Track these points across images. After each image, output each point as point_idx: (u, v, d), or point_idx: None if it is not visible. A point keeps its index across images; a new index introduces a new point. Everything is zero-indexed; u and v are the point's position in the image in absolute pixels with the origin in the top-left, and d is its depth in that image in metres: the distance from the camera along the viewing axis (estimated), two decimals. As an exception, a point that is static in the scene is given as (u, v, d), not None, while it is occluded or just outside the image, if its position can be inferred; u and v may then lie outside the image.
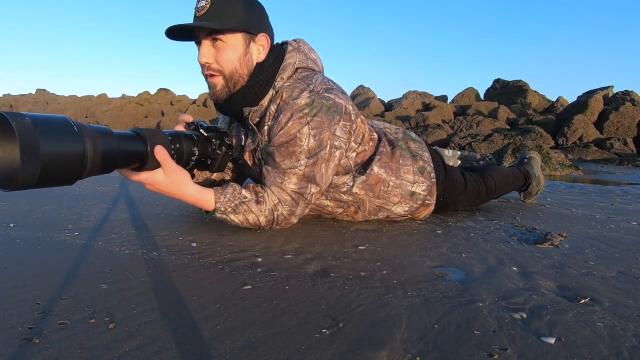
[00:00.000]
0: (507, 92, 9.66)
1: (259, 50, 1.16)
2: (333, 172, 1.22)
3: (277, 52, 1.21)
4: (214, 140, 1.11)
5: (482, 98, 10.37)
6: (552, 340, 0.63)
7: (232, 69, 1.12)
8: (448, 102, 10.52)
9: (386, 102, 11.20)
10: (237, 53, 1.11)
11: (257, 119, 1.21)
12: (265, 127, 1.19)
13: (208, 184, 1.38)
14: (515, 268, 0.97)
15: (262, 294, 0.78)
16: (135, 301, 0.73)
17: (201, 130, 1.10)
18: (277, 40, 1.25)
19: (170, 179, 0.98)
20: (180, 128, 1.13)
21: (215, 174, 1.41)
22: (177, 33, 1.10)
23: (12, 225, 1.25)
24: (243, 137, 1.28)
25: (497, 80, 10.32)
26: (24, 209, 1.48)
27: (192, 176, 1.16)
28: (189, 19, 1.10)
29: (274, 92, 1.18)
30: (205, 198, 1.09)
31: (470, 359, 0.58)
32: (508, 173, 1.75)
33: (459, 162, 1.59)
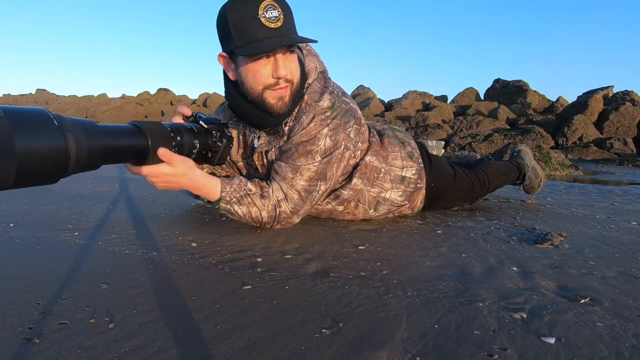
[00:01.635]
0: (507, 92, 9.66)
1: None
2: (341, 171, 1.26)
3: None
4: (214, 132, 1.08)
5: (482, 98, 10.36)
6: (552, 340, 0.63)
7: (298, 79, 1.14)
8: (448, 102, 10.52)
9: (386, 102, 11.20)
10: (297, 63, 1.13)
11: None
12: (287, 128, 1.19)
13: None
14: (515, 268, 0.97)
15: (262, 294, 0.78)
16: (135, 301, 0.73)
17: (201, 122, 1.07)
18: None
19: (176, 170, 0.96)
20: (178, 119, 1.09)
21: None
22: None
23: (12, 225, 1.25)
24: (256, 139, 1.26)
25: (497, 80, 10.32)
26: (24, 209, 1.48)
27: None
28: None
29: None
30: (212, 184, 1.09)
31: (470, 359, 0.58)
32: (500, 165, 1.77)
33: (443, 151, 1.63)
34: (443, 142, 1.68)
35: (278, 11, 1.02)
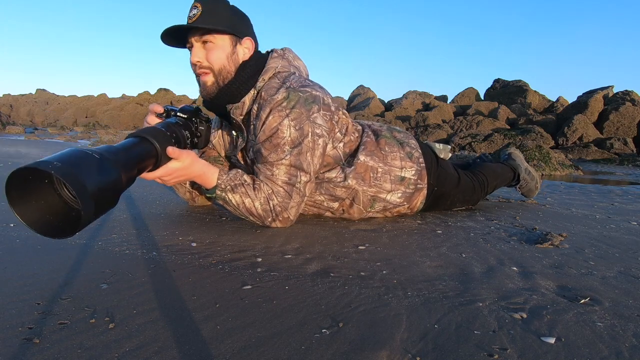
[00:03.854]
0: (507, 92, 9.66)
1: (245, 52, 1.27)
2: (319, 160, 1.27)
3: (261, 55, 1.32)
4: (193, 119, 1.16)
5: (482, 98, 10.36)
6: (552, 340, 0.63)
7: (220, 66, 1.22)
8: (448, 102, 10.52)
9: (386, 102, 11.20)
10: (225, 52, 1.22)
11: (240, 117, 1.30)
12: (252, 127, 1.28)
13: None
14: (515, 268, 0.97)
15: (262, 294, 0.78)
16: (135, 301, 0.73)
17: (178, 114, 1.16)
18: (266, 48, 1.38)
19: (184, 163, 1.04)
20: (152, 118, 1.19)
21: None
22: (172, 38, 1.23)
23: (12, 225, 1.25)
24: (235, 138, 1.38)
25: (497, 80, 10.32)
26: (24, 209, 1.48)
27: None
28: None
29: (255, 92, 1.27)
30: (212, 171, 1.17)
31: (470, 359, 0.58)
32: (495, 166, 1.81)
33: (450, 155, 1.64)
34: (450, 147, 1.70)
35: (198, 9, 1.16)
